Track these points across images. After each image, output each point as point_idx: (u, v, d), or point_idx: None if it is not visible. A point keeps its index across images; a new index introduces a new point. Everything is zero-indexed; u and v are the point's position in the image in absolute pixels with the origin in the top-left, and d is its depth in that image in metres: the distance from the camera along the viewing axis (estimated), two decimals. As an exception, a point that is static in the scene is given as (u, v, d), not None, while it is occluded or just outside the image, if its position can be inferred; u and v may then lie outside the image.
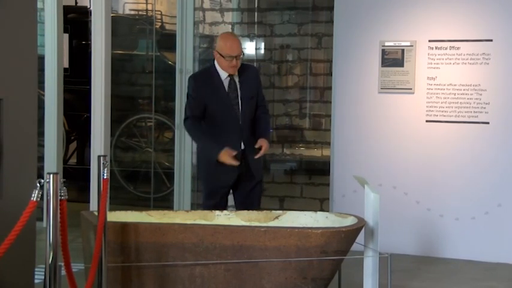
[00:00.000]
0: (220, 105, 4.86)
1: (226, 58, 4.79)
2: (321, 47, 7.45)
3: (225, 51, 4.80)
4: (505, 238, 5.92)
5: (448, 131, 6.04)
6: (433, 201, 6.07)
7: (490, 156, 5.96)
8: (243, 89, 4.93)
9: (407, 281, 5.30)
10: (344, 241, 4.13)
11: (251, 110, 4.97)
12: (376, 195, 4.48)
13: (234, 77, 4.91)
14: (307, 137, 7.76)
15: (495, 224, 5.91)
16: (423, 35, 6.09)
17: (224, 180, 4.91)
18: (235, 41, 4.88)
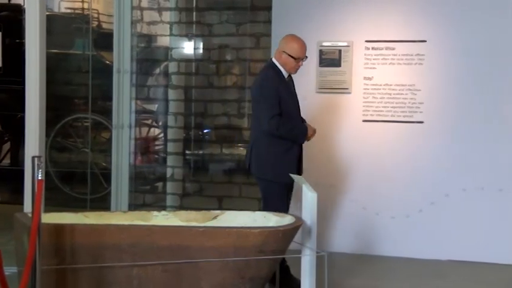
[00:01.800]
0: (289, 100, 5.01)
1: (297, 60, 4.95)
2: (260, 47, 7.46)
3: (297, 53, 4.95)
4: (438, 235, 6.05)
5: (384, 130, 6.13)
6: (369, 200, 6.16)
7: (424, 155, 6.08)
8: (294, 90, 5.14)
9: (345, 279, 5.35)
10: (282, 240, 4.14)
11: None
12: (313, 195, 4.51)
13: (291, 77, 5.12)
14: (246, 137, 7.76)
15: (429, 221, 6.04)
16: (360, 35, 6.17)
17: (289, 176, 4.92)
18: (304, 43, 5.04)
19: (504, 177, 5.91)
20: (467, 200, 5.97)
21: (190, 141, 7.81)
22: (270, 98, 4.91)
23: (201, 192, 7.69)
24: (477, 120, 5.97)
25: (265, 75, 5.03)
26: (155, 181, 7.91)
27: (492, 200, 5.92)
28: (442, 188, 6.03)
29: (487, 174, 5.95)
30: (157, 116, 8.08)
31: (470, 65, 5.98)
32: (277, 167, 4.99)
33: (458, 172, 6.01)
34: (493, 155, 5.93)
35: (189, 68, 7.72)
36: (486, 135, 5.95)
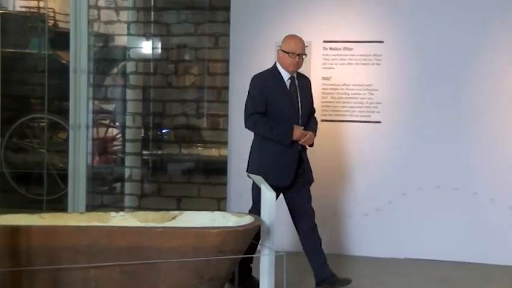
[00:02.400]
0: (282, 101, 4.95)
1: (290, 55, 4.92)
2: (218, 46, 7.45)
3: (290, 48, 4.93)
4: (396, 234, 6.12)
5: (343, 130, 6.17)
6: (327, 199, 6.17)
7: (381, 155, 6.13)
8: (301, 93, 5.03)
9: (303, 278, 5.36)
10: (241, 240, 4.14)
11: (306, 116, 5.06)
12: (272, 194, 4.51)
13: (295, 80, 5.02)
14: (204, 137, 7.74)
15: (386, 220, 6.09)
16: (318, 36, 6.20)
17: (283, 179, 4.95)
18: (300, 40, 5.01)
19: (459, 176, 5.99)
20: (423, 198, 6.04)
21: (148, 141, 7.76)
22: (254, 97, 4.96)
23: (160, 192, 7.64)
24: (433, 120, 6.04)
25: (258, 75, 5.09)
26: (113, 182, 7.84)
27: (448, 198, 6.00)
28: (399, 187, 6.10)
29: (442, 173, 6.02)
30: (115, 116, 8.01)
31: (427, 65, 6.05)
32: (257, 165, 5.00)
33: (414, 171, 6.08)
34: (448, 155, 6.01)
35: (147, 67, 7.66)
36: (442, 135, 6.03)
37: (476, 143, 5.98)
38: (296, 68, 4.99)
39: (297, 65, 4.98)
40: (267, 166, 4.94)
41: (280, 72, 5.00)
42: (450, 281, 5.45)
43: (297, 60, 4.95)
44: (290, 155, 4.95)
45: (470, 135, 5.98)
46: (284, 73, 4.99)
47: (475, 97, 5.97)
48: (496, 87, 5.94)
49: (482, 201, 5.96)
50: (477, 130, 5.97)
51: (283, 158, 4.95)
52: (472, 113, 5.98)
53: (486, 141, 5.97)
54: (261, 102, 4.92)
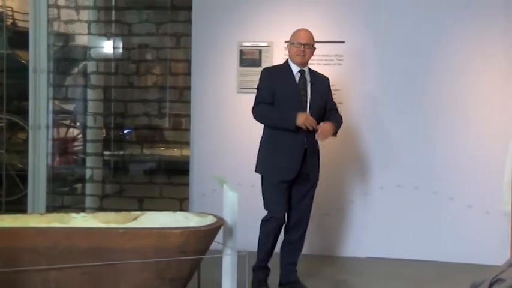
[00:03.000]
0: (289, 94, 4.88)
1: (295, 45, 4.89)
2: (180, 46, 7.42)
3: (293, 38, 4.93)
4: (357, 233, 6.17)
5: (304, 130, 6.19)
6: (290, 199, 6.20)
7: (344, 155, 6.17)
8: (313, 90, 4.94)
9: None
10: (203, 240, 4.13)
11: (317, 112, 4.93)
12: (234, 194, 4.50)
13: (305, 75, 4.95)
14: (167, 137, 7.71)
15: (348, 219, 6.14)
16: (280, 36, 6.20)
17: (284, 174, 4.90)
18: (306, 31, 4.97)
19: (420, 175, 6.06)
20: (384, 197, 6.10)
21: (110, 141, 7.69)
22: (261, 88, 4.97)
23: (121, 193, 7.59)
24: (395, 120, 6.10)
25: (267, 67, 5.20)
26: (74, 182, 7.75)
27: (408, 197, 6.06)
28: (360, 187, 6.15)
29: (403, 172, 6.08)
30: (76, 116, 7.92)
31: (388, 65, 6.10)
32: (267, 162, 5.00)
33: (376, 171, 6.13)
34: (409, 154, 6.08)
35: (108, 67, 7.60)
36: (402, 135, 6.09)
37: (436, 143, 6.05)
38: (303, 59, 4.92)
39: (304, 56, 4.92)
40: (271, 161, 4.94)
41: (290, 66, 4.96)
42: (409, 279, 5.50)
43: (302, 50, 4.89)
44: (295, 150, 4.88)
45: (430, 135, 6.05)
46: (294, 67, 4.95)
47: (435, 96, 6.04)
48: (455, 86, 6.02)
49: (442, 200, 6.04)
50: (437, 130, 6.04)
51: (288, 152, 4.89)
52: (432, 112, 6.05)
53: (446, 141, 6.04)
54: (268, 93, 4.91)
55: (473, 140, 5.98)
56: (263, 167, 5.02)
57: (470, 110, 6.00)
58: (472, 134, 5.99)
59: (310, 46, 4.94)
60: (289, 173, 4.90)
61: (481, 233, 5.91)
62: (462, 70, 5.99)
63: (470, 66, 5.98)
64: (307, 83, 4.95)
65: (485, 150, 5.90)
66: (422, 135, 6.05)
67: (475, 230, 5.95)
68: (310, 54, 4.97)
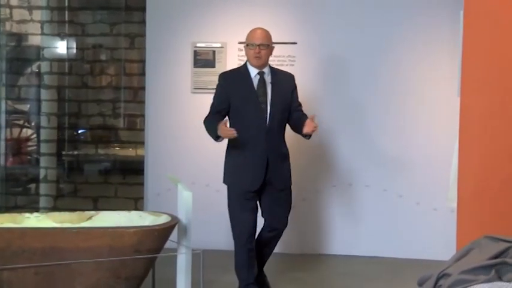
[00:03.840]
0: (246, 102, 4.60)
1: (250, 46, 4.62)
2: (134, 47, 7.38)
3: (249, 39, 4.66)
4: (309, 230, 6.20)
5: (258, 129, 6.20)
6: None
7: (297, 153, 6.18)
8: (274, 91, 4.64)
9: (220, 276, 5.37)
10: (157, 239, 4.12)
11: (280, 116, 4.66)
12: (188, 194, 4.50)
13: (264, 77, 4.65)
14: (121, 137, 7.65)
15: (300, 217, 6.15)
16: (233, 37, 6.20)
17: (248, 185, 4.64)
18: (260, 30, 4.67)
19: (370, 174, 6.12)
20: (336, 195, 6.15)
21: (64, 141, 7.60)
22: (214, 96, 4.74)
23: (76, 193, 7.51)
24: (346, 119, 6.15)
25: (223, 72, 4.91)
26: (28, 182, 7.64)
27: (359, 195, 6.12)
28: (313, 185, 6.18)
29: (355, 171, 6.14)
30: (30, 116, 7.81)
31: (339, 66, 6.15)
32: (228, 172, 4.77)
33: (328, 169, 6.18)
34: (360, 153, 6.13)
35: (62, 67, 7.51)
36: (354, 134, 6.14)
37: (386, 143, 6.11)
38: (259, 61, 4.61)
39: (260, 58, 4.61)
40: (235, 171, 4.70)
41: (248, 69, 4.67)
42: (358, 276, 5.55)
43: (257, 52, 4.58)
44: (256, 159, 4.62)
45: (379, 135, 6.11)
46: (252, 69, 4.66)
47: (385, 97, 6.10)
48: (403, 87, 6.09)
49: (391, 197, 6.11)
50: (386, 130, 6.11)
51: (250, 162, 4.63)
52: (381, 113, 6.11)
53: (395, 141, 6.11)
54: (220, 102, 4.65)
55: (421, 140, 6.06)
56: (228, 179, 4.77)
57: (419, 111, 6.07)
58: (420, 134, 6.07)
59: (266, 46, 4.64)
60: (253, 183, 4.65)
61: (429, 229, 6.01)
62: (410, 71, 6.07)
63: (418, 68, 6.06)
64: (267, 85, 4.66)
65: (433, 150, 5.99)
66: (372, 136, 6.11)
67: (423, 227, 6.04)
68: (267, 54, 4.66)
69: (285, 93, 4.70)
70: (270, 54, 4.71)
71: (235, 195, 4.70)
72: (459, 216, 3.52)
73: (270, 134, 4.64)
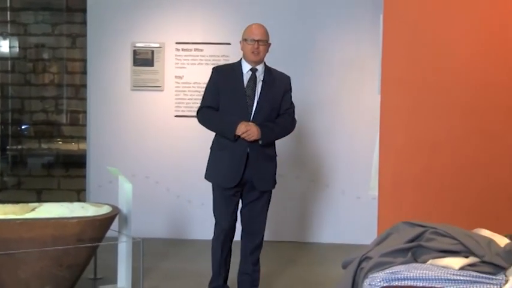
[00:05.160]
0: (233, 97, 4.22)
1: (249, 41, 4.21)
2: (76, 46, 7.25)
3: (246, 34, 4.26)
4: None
5: (195, 125, 6.12)
6: (182, 189, 6.19)
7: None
8: (264, 90, 4.24)
9: (159, 263, 5.33)
10: (99, 229, 4.08)
11: (267, 115, 4.22)
12: (129, 185, 4.47)
13: (257, 74, 4.26)
14: (64, 132, 7.52)
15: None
16: (171, 37, 6.18)
17: (225, 181, 4.23)
18: (259, 27, 4.28)
19: (300, 166, 6.17)
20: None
21: (8, 137, 7.41)
22: (206, 89, 4.34)
23: (20, 185, 7.34)
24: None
25: (216, 66, 4.45)
26: (-29, 176, 7.44)
27: (290, 185, 6.14)
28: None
29: (285, 164, 6.16)
30: (-27, 113, 7.59)
31: (270, 64, 6.15)
32: (209, 167, 4.36)
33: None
34: (290, 148, 6.17)
35: (4, 66, 7.33)
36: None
37: (315, 137, 6.17)
38: (257, 57, 4.22)
39: (259, 53, 4.22)
40: (215, 167, 4.31)
41: (241, 65, 4.29)
42: (288, 259, 5.59)
43: (256, 47, 4.20)
44: (236, 156, 4.19)
45: (311, 130, 6.16)
46: (245, 65, 4.28)
47: (316, 95, 6.14)
48: (331, 85, 6.16)
49: (319, 187, 6.18)
50: (316, 126, 6.16)
51: (229, 158, 4.22)
52: (313, 110, 6.15)
53: (322, 135, 6.18)
54: (212, 95, 4.27)
55: (345, 134, 6.15)
56: (209, 174, 4.36)
57: (344, 107, 6.15)
58: (344, 129, 6.15)
59: (265, 42, 4.25)
60: (229, 180, 4.23)
61: (353, 215, 6.10)
62: (335, 71, 6.13)
63: (343, 67, 6.13)
64: (257, 82, 4.26)
65: (356, 144, 6.08)
66: (302, 131, 6.15)
67: (348, 213, 6.13)
68: (264, 50, 4.27)
69: (276, 94, 4.28)
70: (267, 51, 4.32)
71: (215, 190, 4.35)
72: (380, 203, 3.58)
73: None
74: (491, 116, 3.41)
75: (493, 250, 2.20)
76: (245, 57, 4.28)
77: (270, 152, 4.32)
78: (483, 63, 3.41)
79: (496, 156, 3.42)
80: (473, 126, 3.43)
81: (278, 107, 4.28)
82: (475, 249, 2.21)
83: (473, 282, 2.09)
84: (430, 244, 2.30)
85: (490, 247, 2.22)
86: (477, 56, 3.41)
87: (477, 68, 3.41)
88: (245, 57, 4.28)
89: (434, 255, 2.26)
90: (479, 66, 3.42)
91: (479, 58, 3.41)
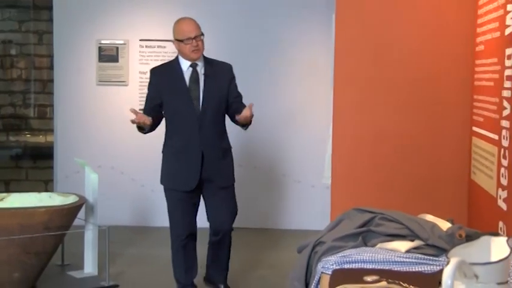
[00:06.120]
0: (177, 98, 3.87)
1: (186, 42, 3.83)
2: (43, 43, 7.13)
3: (183, 35, 3.86)
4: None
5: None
6: (145, 178, 6.14)
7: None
8: (207, 83, 3.90)
9: (124, 249, 5.29)
10: (66, 217, 4.01)
11: (215, 110, 3.92)
12: (95, 175, 4.42)
13: (198, 69, 3.92)
14: (32, 125, 7.39)
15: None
16: (135, 34, 6.14)
17: (183, 185, 3.93)
18: (190, 22, 3.91)
19: (257, 156, 6.18)
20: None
21: (-25, 129, 7.26)
22: (147, 93, 4.03)
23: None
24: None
25: (154, 67, 4.10)
26: None
27: (248, 174, 6.14)
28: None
29: (244, 154, 6.17)
30: None
31: (231, 61, 6.13)
32: (163, 173, 4.07)
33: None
34: (250, 138, 6.16)
35: (-28, 61, 7.16)
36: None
37: (274, 131, 6.17)
38: (199, 52, 3.89)
39: (199, 49, 3.89)
40: (169, 172, 4.01)
41: (180, 63, 3.94)
42: (249, 245, 5.60)
43: (195, 45, 3.85)
44: (191, 157, 3.90)
45: (268, 121, 6.16)
46: (184, 63, 3.93)
47: (271, 88, 6.15)
48: (288, 80, 6.16)
49: (276, 176, 6.20)
50: (275, 118, 6.16)
51: (184, 160, 3.92)
52: (275, 107, 6.10)
53: (281, 129, 6.18)
54: (152, 97, 3.94)
55: (301, 126, 6.16)
56: (164, 179, 4.05)
57: (300, 101, 6.15)
58: (300, 122, 6.16)
59: (200, 35, 3.91)
60: (188, 183, 3.92)
61: (308, 203, 6.14)
62: (292, 66, 6.13)
63: (298, 63, 6.13)
64: (199, 79, 3.93)
65: (311, 136, 6.10)
66: (261, 123, 6.14)
67: (303, 201, 6.16)
68: (203, 44, 3.93)
69: (221, 85, 3.97)
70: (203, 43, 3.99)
71: (171, 197, 4.02)
72: (332, 192, 3.61)
73: (203, 129, 3.91)
74: (431, 109, 3.48)
75: (436, 234, 2.24)
76: (186, 56, 3.92)
77: (225, 146, 4.03)
78: (424, 61, 3.48)
79: (437, 145, 3.49)
80: (415, 118, 3.49)
81: (225, 98, 3.98)
82: (420, 233, 2.24)
83: (418, 263, 2.12)
84: (379, 229, 2.32)
85: (433, 231, 2.25)
86: (418, 54, 3.48)
87: (419, 66, 3.48)
88: (186, 56, 3.92)
89: (383, 239, 2.29)
90: (425, 63, 3.48)
91: (420, 56, 3.48)
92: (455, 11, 3.44)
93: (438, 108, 3.47)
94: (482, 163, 3.13)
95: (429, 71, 3.46)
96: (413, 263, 2.11)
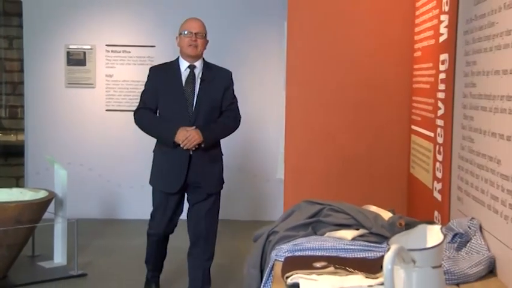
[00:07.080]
0: (172, 98, 3.61)
1: (186, 34, 3.60)
2: (13, 47, 6.96)
3: (184, 27, 3.64)
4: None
5: (123, 118, 6.07)
6: (112, 174, 6.08)
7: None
8: (203, 87, 3.64)
9: (92, 241, 5.22)
10: (36, 211, 3.95)
11: (208, 115, 3.64)
12: (64, 172, 4.36)
13: (195, 71, 3.66)
14: (4, 125, 7.21)
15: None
16: (101, 40, 6.07)
17: (168, 186, 3.65)
18: (197, 20, 3.68)
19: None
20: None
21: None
22: (144, 90, 3.75)
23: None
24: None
25: (154, 66, 3.86)
26: None
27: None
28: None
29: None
30: None
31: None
32: (152, 173, 3.75)
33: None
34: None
35: None
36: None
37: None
38: (196, 50, 3.62)
39: (197, 46, 3.61)
40: (157, 172, 3.71)
41: (179, 63, 3.68)
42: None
43: (194, 40, 3.59)
44: (178, 160, 3.60)
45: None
46: (183, 63, 3.67)
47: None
48: (244, 82, 6.14)
49: (232, 170, 6.18)
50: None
51: (171, 162, 3.63)
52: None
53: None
54: (150, 96, 3.66)
55: (256, 126, 6.17)
56: (152, 179, 3.75)
57: (255, 102, 6.15)
58: (255, 122, 6.17)
59: (203, 35, 3.66)
60: (172, 185, 3.64)
61: (263, 196, 6.16)
62: (246, 72, 6.13)
63: (252, 67, 6.14)
64: (195, 81, 3.66)
65: (266, 134, 6.13)
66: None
67: (259, 194, 6.18)
68: (203, 44, 3.66)
69: (216, 92, 3.68)
70: (205, 48, 3.72)
71: (155, 196, 3.75)
72: (285, 185, 3.62)
73: None
74: (375, 109, 3.52)
75: (379, 223, 2.27)
76: (182, 52, 3.66)
77: (215, 153, 3.73)
78: (369, 65, 3.52)
79: (380, 142, 3.54)
80: (360, 118, 3.53)
81: (219, 105, 3.70)
82: (364, 223, 2.27)
83: (363, 250, 2.14)
84: (327, 219, 2.34)
85: (376, 220, 2.28)
86: (363, 60, 3.51)
87: (364, 70, 3.51)
88: (182, 52, 3.66)
89: (331, 228, 2.31)
90: (369, 68, 3.52)
91: (364, 62, 3.52)
92: (396, 21, 3.49)
93: (381, 108, 3.51)
94: (420, 158, 3.19)
95: (373, 75, 3.51)
96: (358, 249, 2.14)
